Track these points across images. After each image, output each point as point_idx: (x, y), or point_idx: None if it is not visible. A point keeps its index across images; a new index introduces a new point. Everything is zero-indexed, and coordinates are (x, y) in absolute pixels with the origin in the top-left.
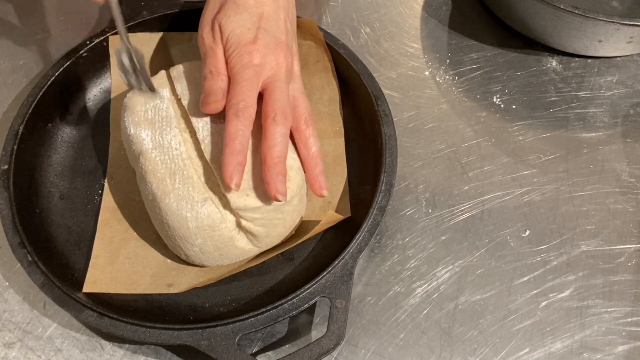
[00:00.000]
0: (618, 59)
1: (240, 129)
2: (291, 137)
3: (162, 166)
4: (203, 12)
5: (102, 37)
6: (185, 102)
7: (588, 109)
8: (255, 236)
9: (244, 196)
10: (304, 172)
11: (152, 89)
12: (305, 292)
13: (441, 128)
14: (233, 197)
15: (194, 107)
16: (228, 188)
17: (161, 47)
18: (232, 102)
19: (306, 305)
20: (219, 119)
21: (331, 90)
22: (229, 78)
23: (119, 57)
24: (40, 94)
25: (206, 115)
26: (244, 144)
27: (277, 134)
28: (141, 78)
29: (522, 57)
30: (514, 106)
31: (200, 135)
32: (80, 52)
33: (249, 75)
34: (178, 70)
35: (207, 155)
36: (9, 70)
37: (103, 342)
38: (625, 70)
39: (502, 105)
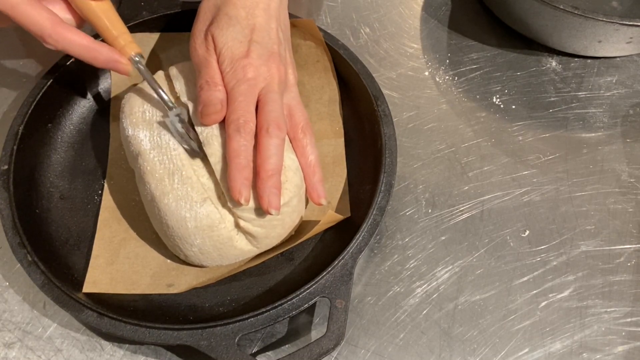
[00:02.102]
0: (618, 59)
1: (243, 144)
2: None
3: (160, 166)
4: (195, 23)
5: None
6: (184, 100)
7: (588, 109)
8: (254, 237)
9: None
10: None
11: (200, 148)
12: (305, 292)
13: (441, 128)
14: (229, 197)
15: (193, 105)
16: (238, 204)
17: (161, 47)
18: (232, 118)
19: (306, 306)
20: None
21: (331, 91)
22: (226, 90)
23: (172, 126)
24: (40, 94)
25: None
26: (248, 159)
27: (270, 146)
28: (193, 138)
29: (522, 58)
30: (513, 106)
31: (199, 129)
32: None
33: (244, 90)
34: (177, 69)
35: (207, 148)
36: (9, 70)
37: (103, 342)
38: (625, 70)
39: (501, 106)
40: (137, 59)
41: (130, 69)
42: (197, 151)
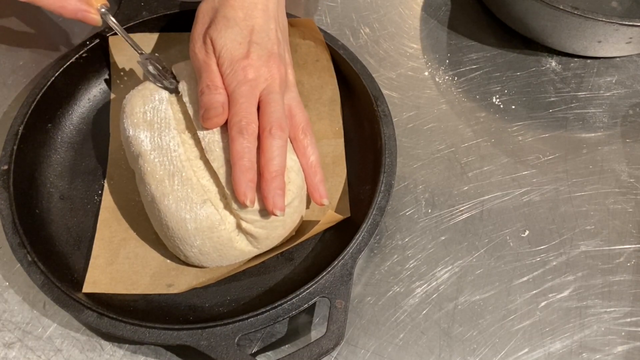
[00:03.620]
0: (617, 59)
1: (246, 146)
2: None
3: (160, 168)
4: (193, 27)
5: (102, 38)
6: (185, 99)
7: (587, 110)
8: (255, 238)
9: None
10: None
11: (176, 88)
12: (304, 292)
13: (440, 128)
14: (234, 198)
15: (194, 104)
16: (243, 206)
17: (161, 47)
18: (234, 121)
19: (306, 306)
20: None
21: (330, 90)
22: (227, 92)
23: (144, 68)
24: (40, 94)
25: None
26: (252, 161)
27: (274, 147)
28: (170, 79)
29: (522, 58)
30: (513, 106)
31: (200, 133)
32: (80, 52)
33: (245, 91)
34: (178, 67)
35: (209, 155)
36: (9, 70)
37: (103, 342)
38: (625, 70)
39: (501, 106)
40: (103, 10)
41: (99, 19)
42: (172, 88)
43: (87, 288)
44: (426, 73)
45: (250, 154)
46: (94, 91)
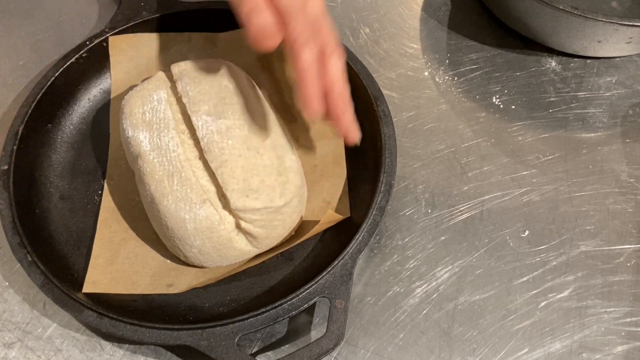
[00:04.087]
0: (617, 59)
1: (312, 59)
2: (292, 137)
3: (160, 168)
4: None
5: (102, 37)
6: (185, 100)
7: (587, 110)
8: (254, 237)
9: (243, 197)
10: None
11: None
12: (304, 292)
13: (440, 128)
14: (233, 198)
15: (195, 105)
16: (316, 118)
17: (161, 47)
18: (296, 33)
19: (306, 306)
20: (219, 117)
21: None
22: (279, 9)
23: None
24: (40, 94)
25: (206, 114)
26: (317, 76)
27: (339, 65)
28: None
29: (522, 58)
30: (513, 106)
31: (200, 133)
32: (80, 52)
33: (300, 6)
34: (179, 67)
35: (208, 155)
36: (9, 70)
37: (103, 342)
38: (625, 70)
39: (501, 106)
40: None
41: None
42: None
43: (87, 288)
44: (426, 73)
45: (315, 68)
46: (94, 91)
